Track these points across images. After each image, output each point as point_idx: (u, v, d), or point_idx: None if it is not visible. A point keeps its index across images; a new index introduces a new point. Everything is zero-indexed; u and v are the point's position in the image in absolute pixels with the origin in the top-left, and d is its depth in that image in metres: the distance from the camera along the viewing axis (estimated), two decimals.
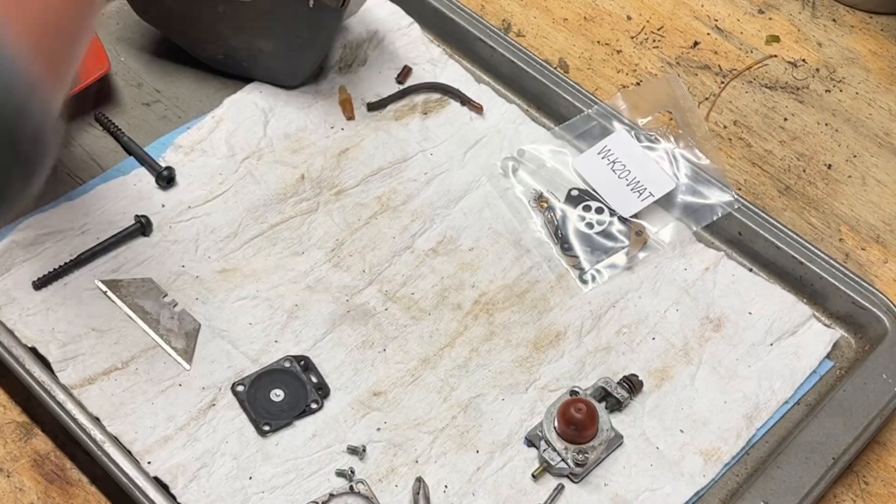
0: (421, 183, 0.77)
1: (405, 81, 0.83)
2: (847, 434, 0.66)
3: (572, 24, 0.89)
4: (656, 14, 0.91)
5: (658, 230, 0.76)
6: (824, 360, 0.71)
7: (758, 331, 0.71)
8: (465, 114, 0.81)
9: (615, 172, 0.77)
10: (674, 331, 0.71)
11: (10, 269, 0.69)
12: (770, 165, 0.82)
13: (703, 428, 0.67)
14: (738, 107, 0.85)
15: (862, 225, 0.79)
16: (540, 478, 0.64)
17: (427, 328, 0.70)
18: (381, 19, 0.85)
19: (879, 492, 0.67)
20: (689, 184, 0.77)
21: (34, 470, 0.64)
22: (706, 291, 0.73)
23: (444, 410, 0.67)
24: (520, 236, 0.75)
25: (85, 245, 0.70)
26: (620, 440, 0.66)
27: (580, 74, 0.86)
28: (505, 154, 0.79)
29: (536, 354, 0.69)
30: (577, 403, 0.64)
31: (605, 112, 0.80)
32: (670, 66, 0.87)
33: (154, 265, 0.71)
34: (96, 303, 0.68)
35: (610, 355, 0.70)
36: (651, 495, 0.64)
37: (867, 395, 0.68)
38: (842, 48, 0.89)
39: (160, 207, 0.73)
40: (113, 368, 0.66)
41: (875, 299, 0.71)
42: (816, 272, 0.73)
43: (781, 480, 0.64)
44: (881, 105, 0.86)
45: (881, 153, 0.83)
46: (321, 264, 0.72)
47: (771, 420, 0.68)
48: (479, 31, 0.84)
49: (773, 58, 0.89)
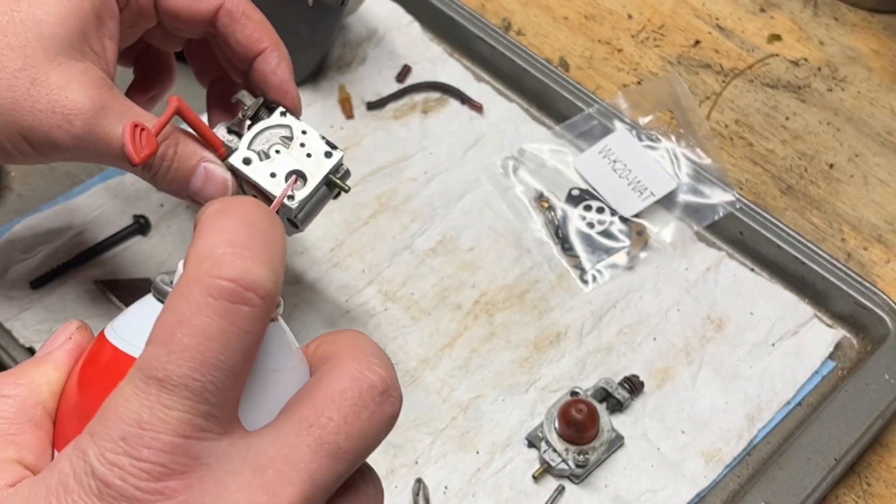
0: (421, 182, 0.77)
1: (405, 80, 0.82)
2: (849, 435, 0.66)
3: (573, 23, 0.89)
4: (657, 13, 0.90)
5: (659, 230, 0.75)
6: (826, 361, 0.70)
7: (759, 331, 0.71)
8: (465, 113, 0.81)
9: (616, 172, 0.77)
10: (675, 331, 0.71)
11: (7, 269, 0.69)
12: (772, 165, 0.82)
13: (704, 429, 0.67)
14: (739, 106, 0.85)
15: (864, 225, 0.78)
16: (540, 479, 0.64)
17: (427, 328, 0.70)
18: (381, 18, 0.85)
19: (882, 493, 0.67)
20: (690, 183, 0.77)
21: None
22: (707, 291, 0.73)
23: (443, 411, 0.66)
24: (520, 236, 0.75)
25: (83, 245, 0.70)
26: (621, 441, 0.66)
27: (581, 73, 0.86)
28: (505, 153, 0.79)
29: (537, 355, 0.69)
30: (578, 404, 0.63)
31: (605, 111, 0.79)
32: (671, 64, 0.87)
33: (153, 265, 0.71)
34: (94, 303, 0.68)
35: (611, 356, 0.69)
36: (652, 496, 0.64)
37: (869, 396, 0.67)
38: (843, 47, 0.89)
39: (159, 207, 0.73)
40: None
41: (877, 299, 0.71)
42: (818, 272, 0.73)
43: (783, 481, 0.64)
44: (883, 104, 0.86)
45: (883, 152, 0.83)
46: (320, 264, 0.72)
47: (773, 421, 0.68)
48: (479, 29, 0.84)
49: (775, 56, 0.88)
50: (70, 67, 0.52)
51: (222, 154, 0.55)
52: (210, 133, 0.55)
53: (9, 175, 0.75)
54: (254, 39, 0.57)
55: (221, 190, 0.54)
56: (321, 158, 0.56)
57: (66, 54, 0.52)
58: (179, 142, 0.54)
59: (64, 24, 0.52)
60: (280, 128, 0.56)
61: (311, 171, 0.55)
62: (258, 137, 0.56)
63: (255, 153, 0.55)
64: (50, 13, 0.51)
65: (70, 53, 0.52)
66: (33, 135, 0.51)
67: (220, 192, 0.53)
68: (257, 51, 0.57)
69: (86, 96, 0.51)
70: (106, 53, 0.54)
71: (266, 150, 0.55)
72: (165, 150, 0.53)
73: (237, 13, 0.56)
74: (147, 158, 0.50)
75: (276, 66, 0.57)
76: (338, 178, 0.56)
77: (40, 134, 0.51)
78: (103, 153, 0.52)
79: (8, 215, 0.73)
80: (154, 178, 0.54)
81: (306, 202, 0.55)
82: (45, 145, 0.52)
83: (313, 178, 0.55)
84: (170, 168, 0.54)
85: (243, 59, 0.58)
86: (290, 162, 0.55)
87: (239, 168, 0.54)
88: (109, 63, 0.55)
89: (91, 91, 0.52)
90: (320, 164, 0.55)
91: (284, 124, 0.56)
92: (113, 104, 0.52)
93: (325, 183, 0.56)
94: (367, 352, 0.36)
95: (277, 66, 0.57)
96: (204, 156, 0.54)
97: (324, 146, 0.56)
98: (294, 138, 0.56)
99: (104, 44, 0.54)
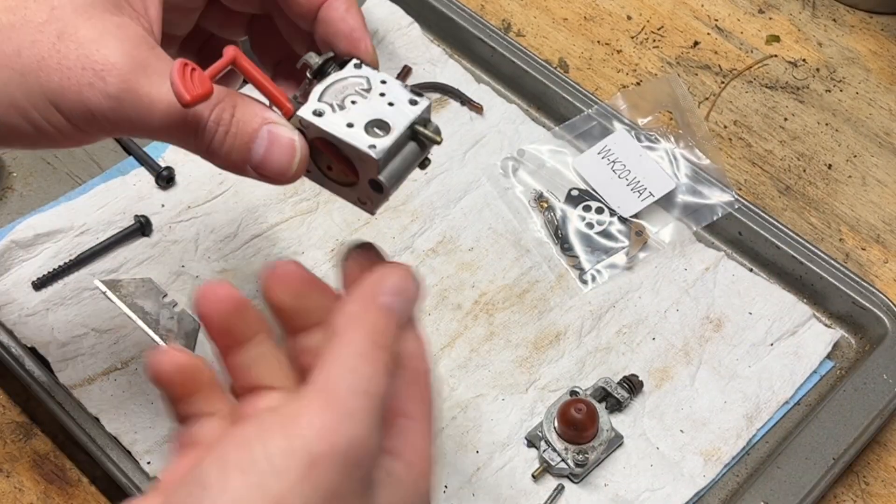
0: (420, 183, 0.77)
1: (405, 81, 0.82)
2: (847, 434, 0.66)
3: (572, 24, 0.89)
4: (656, 14, 0.91)
5: (658, 230, 0.76)
6: (824, 361, 0.71)
7: (758, 331, 0.71)
8: (464, 114, 0.81)
9: (615, 172, 0.77)
10: (674, 331, 0.71)
11: (9, 270, 0.69)
12: (770, 165, 0.82)
13: (703, 428, 0.67)
14: (738, 107, 0.85)
15: (862, 225, 0.79)
16: (540, 478, 0.64)
17: (427, 328, 0.70)
18: (381, 19, 0.85)
19: (880, 492, 0.67)
20: (689, 184, 0.77)
21: (34, 470, 0.64)
22: (706, 291, 0.73)
23: (443, 410, 0.66)
24: (520, 236, 0.75)
25: (84, 245, 0.70)
26: (620, 440, 0.66)
27: (580, 74, 0.86)
28: (505, 154, 0.79)
29: (536, 354, 0.69)
30: (577, 404, 0.63)
31: (605, 112, 0.80)
32: (670, 65, 0.87)
33: (154, 265, 0.71)
34: (96, 303, 0.68)
35: (610, 355, 0.70)
36: (651, 495, 0.64)
37: (867, 396, 0.67)
38: (842, 48, 0.89)
39: (160, 207, 0.73)
40: (112, 368, 0.66)
41: (875, 299, 0.71)
42: (817, 272, 0.73)
43: (781, 481, 0.64)
44: (881, 105, 0.86)
45: (881, 153, 0.83)
46: (321, 264, 0.72)
47: (771, 420, 0.68)
48: (479, 30, 0.84)
49: (774, 58, 0.89)
50: (103, 20, 0.45)
51: (288, 111, 0.47)
52: (272, 87, 0.47)
53: (10, 175, 0.75)
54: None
55: (289, 154, 0.46)
56: (405, 106, 0.47)
57: (99, 6, 0.45)
58: (237, 103, 0.46)
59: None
60: (356, 79, 0.48)
61: (395, 120, 0.46)
62: (330, 90, 0.47)
63: (327, 105, 0.46)
64: None
65: (104, 6, 0.45)
66: (63, 98, 0.45)
67: (288, 157, 0.46)
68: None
69: (121, 51, 0.44)
70: (148, 12, 0.48)
71: (340, 102, 0.47)
72: (221, 114, 0.46)
73: None
74: (198, 99, 0.43)
75: (345, 11, 0.50)
76: (428, 130, 0.47)
77: (70, 96, 0.45)
78: (145, 120, 0.45)
79: (10, 215, 0.73)
80: (209, 148, 0.46)
81: (391, 154, 0.46)
82: (77, 111, 0.45)
83: (397, 127, 0.46)
84: (226, 134, 0.46)
85: (307, 11, 0.50)
86: (368, 111, 0.46)
87: (310, 120, 0.46)
88: (153, 22, 0.48)
89: (127, 46, 0.45)
90: (405, 112, 0.46)
91: (360, 75, 0.48)
92: (155, 62, 0.45)
93: (412, 137, 0.47)
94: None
95: (346, 11, 0.50)
96: (266, 117, 0.46)
97: (408, 94, 0.47)
98: (372, 88, 0.47)
99: (146, 2, 0.48)
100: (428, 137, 0.47)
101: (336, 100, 0.47)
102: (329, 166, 0.47)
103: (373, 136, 0.45)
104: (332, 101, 0.46)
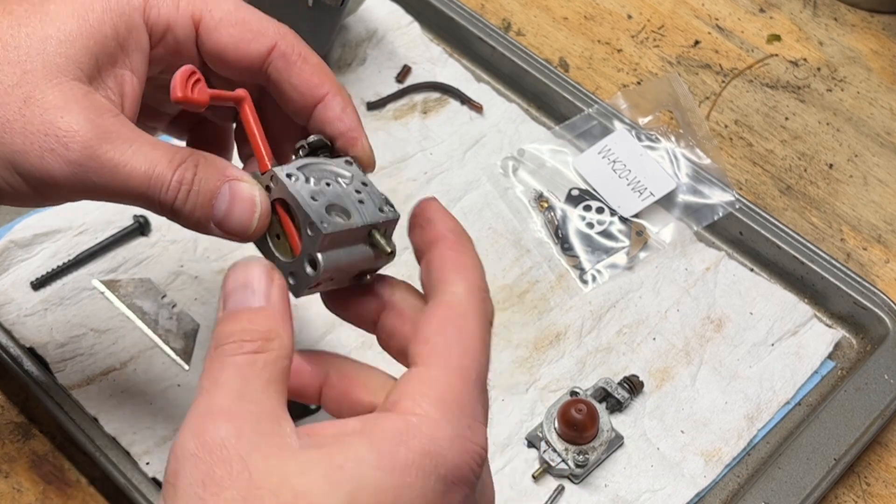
0: (421, 182, 0.77)
1: (405, 81, 0.82)
2: (848, 434, 0.66)
3: (572, 24, 0.89)
4: (657, 13, 0.90)
5: (659, 230, 0.75)
6: (826, 361, 0.70)
7: (759, 331, 0.71)
8: (464, 113, 0.81)
9: (616, 172, 0.77)
10: (674, 331, 0.71)
11: (7, 270, 0.69)
12: (771, 165, 0.82)
13: (703, 428, 0.67)
14: (738, 106, 0.85)
15: (863, 225, 0.79)
16: (540, 479, 0.64)
17: None
18: (381, 18, 0.85)
19: (881, 493, 0.67)
20: (689, 183, 0.77)
21: (32, 470, 0.64)
22: (707, 291, 0.73)
23: None
24: (520, 236, 0.75)
25: (83, 245, 0.70)
26: (621, 441, 0.66)
27: (580, 73, 0.86)
28: (505, 153, 0.79)
29: (536, 355, 0.69)
30: (578, 404, 0.63)
31: (605, 111, 0.80)
32: (671, 65, 0.87)
33: (153, 265, 0.71)
34: (94, 303, 0.68)
35: (610, 355, 0.70)
36: (652, 496, 0.64)
37: (869, 396, 0.67)
38: (843, 47, 0.89)
39: None
40: (111, 369, 0.66)
41: (877, 299, 0.71)
42: (818, 272, 0.73)
43: (782, 481, 0.64)
44: (882, 104, 0.86)
45: (883, 153, 0.83)
46: None
47: (772, 420, 0.68)
48: (479, 30, 0.84)
49: (774, 57, 0.88)
50: (71, 87, 0.46)
51: (265, 167, 0.47)
52: (262, 141, 0.47)
53: None
54: (313, 84, 0.49)
55: (249, 210, 0.46)
56: (373, 209, 0.47)
57: (70, 75, 0.46)
58: (199, 162, 0.47)
59: (74, 43, 0.46)
60: (340, 170, 0.48)
61: (358, 214, 0.46)
62: (313, 167, 0.47)
63: (303, 175, 0.46)
64: (61, 30, 0.46)
65: (75, 75, 0.46)
66: (24, 162, 0.46)
67: (249, 212, 0.46)
68: (318, 97, 0.50)
69: (85, 119, 0.45)
70: (123, 87, 0.48)
71: (316, 179, 0.46)
72: (184, 173, 0.46)
73: (293, 55, 0.49)
74: (188, 101, 0.44)
75: (342, 111, 0.50)
76: (383, 238, 0.47)
77: (32, 160, 0.45)
78: (109, 185, 0.46)
79: (8, 215, 0.73)
80: (172, 208, 0.47)
81: (339, 242, 0.45)
82: (37, 176, 0.46)
83: (356, 220, 0.46)
84: (189, 192, 0.46)
85: (302, 108, 0.50)
86: (337, 198, 0.46)
87: (280, 177, 0.45)
88: (126, 97, 0.48)
89: (92, 115, 0.46)
90: (371, 213, 0.47)
91: (346, 171, 0.48)
92: (119, 129, 0.46)
93: (368, 240, 0.47)
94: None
95: (343, 111, 0.50)
96: (228, 174, 0.47)
97: (382, 202, 0.48)
98: (351, 184, 0.47)
99: (122, 76, 0.48)
100: (379, 244, 0.47)
101: (313, 176, 0.46)
102: (278, 235, 0.47)
103: (331, 216, 0.45)
104: (309, 175, 0.46)
